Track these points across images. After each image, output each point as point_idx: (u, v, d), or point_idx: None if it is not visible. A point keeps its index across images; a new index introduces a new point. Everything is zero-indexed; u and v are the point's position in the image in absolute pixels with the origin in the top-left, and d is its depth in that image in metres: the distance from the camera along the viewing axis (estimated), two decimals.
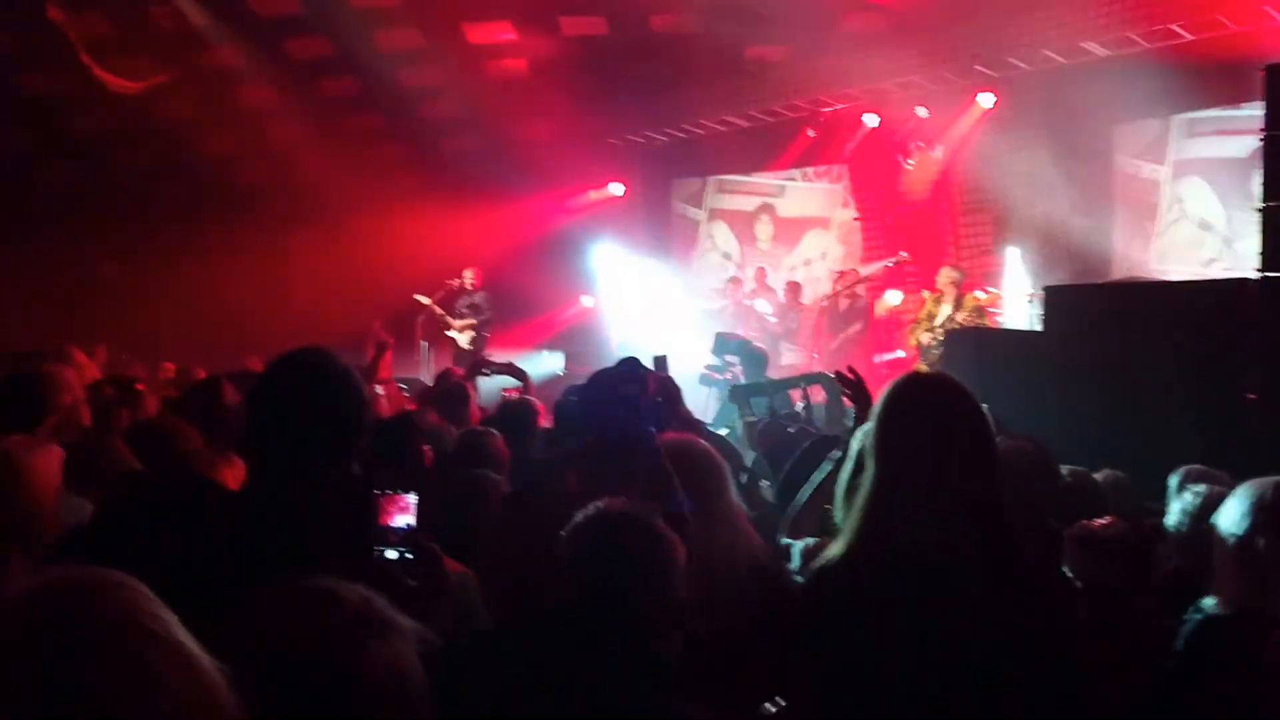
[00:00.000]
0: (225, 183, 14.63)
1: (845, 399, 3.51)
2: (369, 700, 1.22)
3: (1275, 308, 5.27)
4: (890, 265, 10.57)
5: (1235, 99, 9.44)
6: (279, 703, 1.18)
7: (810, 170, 13.76)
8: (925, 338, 9.24)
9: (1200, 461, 3.59)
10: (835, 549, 2.13)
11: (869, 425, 2.19)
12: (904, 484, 2.06)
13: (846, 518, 2.18)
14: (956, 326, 8.95)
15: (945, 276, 9.58)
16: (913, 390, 2.18)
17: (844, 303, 10.55)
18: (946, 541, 1.99)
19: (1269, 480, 2.33)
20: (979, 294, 9.47)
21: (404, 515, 1.82)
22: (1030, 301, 9.20)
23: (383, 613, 1.29)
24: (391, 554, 1.80)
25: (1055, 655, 2.03)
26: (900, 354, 10.62)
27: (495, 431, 4.54)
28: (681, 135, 14.02)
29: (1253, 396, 5.33)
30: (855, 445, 2.74)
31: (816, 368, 9.55)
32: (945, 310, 9.35)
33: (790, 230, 14.16)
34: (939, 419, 2.09)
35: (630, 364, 4.15)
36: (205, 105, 13.47)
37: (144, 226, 14.36)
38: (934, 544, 1.99)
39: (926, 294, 9.83)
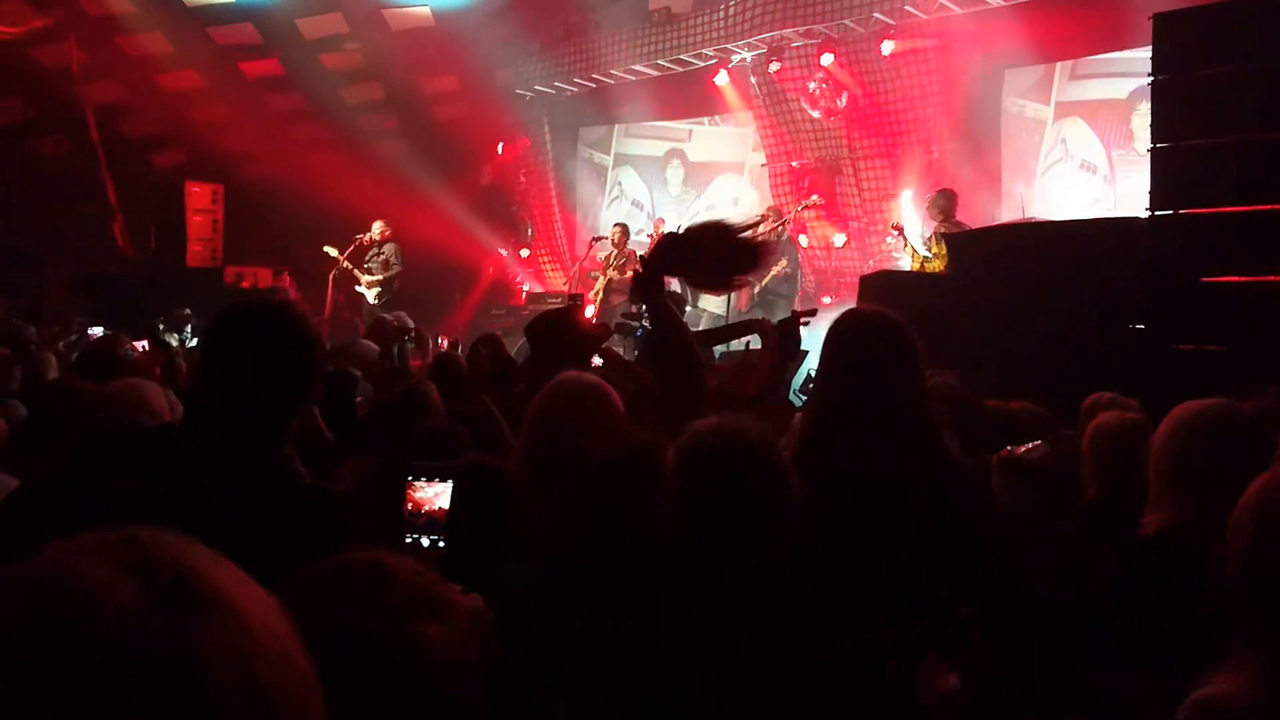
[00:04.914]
0: (114, 132, 14.07)
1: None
2: (421, 683, 1.14)
3: (1161, 245, 5.64)
4: (801, 210, 10.81)
5: (1119, 44, 9.90)
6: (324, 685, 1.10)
7: (719, 115, 13.88)
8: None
9: (1094, 389, 3.85)
10: None
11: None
12: (840, 411, 2.24)
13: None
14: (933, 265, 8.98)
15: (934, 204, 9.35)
16: (852, 324, 2.37)
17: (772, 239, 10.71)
18: (879, 462, 2.17)
19: (1198, 403, 2.41)
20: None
21: (438, 502, 1.82)
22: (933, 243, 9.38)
23: (436, 589, 1.21)
24: (424, 541, 1.80)
25: (983, 569, 2.24)
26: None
27: (431, 383, 4.67)
28: (591, 85, 13.98)
29: (1140, 327, 5.75)
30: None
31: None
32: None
33: (701, 175, 14.24)
34: (874, 350, 2.28)
35: (561, 314, 4.30)
36: (91, 51, 12.88)
37: (27, 177, 13.74)
38: (868, 464, 2.17)
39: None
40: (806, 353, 6.04)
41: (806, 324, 3.35)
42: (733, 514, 1.81)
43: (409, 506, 1.80)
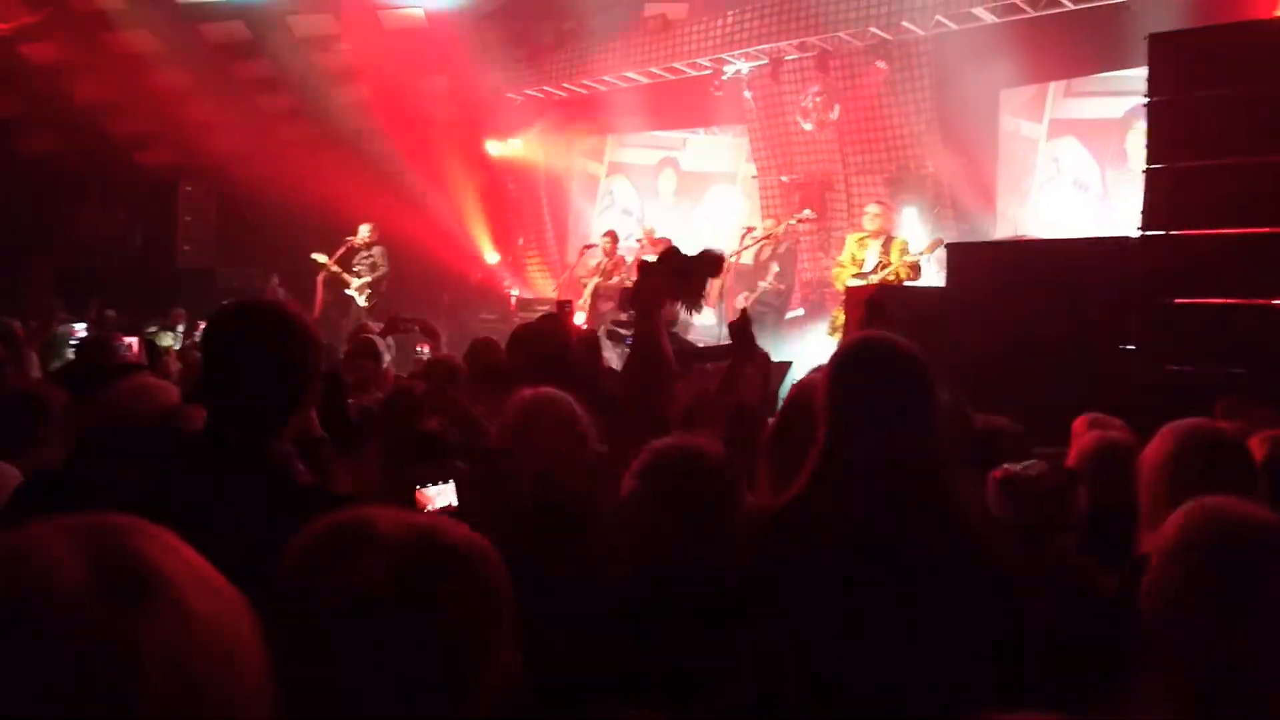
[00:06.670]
0: (102, 131, 13.96)
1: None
2: (451, 632, 1.08)
3: (1153, 264, 5.62)
4: (794, 223, 10.77)
5: (1114, 64, 9.89)
6: (338, 653, 1.05)
7: (715, 126, 13.80)
8: (854, 283, 8.66)
9: (1083, 409, 3.80)
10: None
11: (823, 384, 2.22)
12: (851, 442, 2.11)
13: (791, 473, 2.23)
14: (891, 275, 8.66)
15: (870, 213, 9.13)
16: (862, 352, 2.23)
17: (764, 253, 10.66)
18: (889, 499, 2.07)
19: (1188, 422, 2.43)
20: (910, 248, 8.87)
21: (445, 500, 1.86)
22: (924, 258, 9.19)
23: (450, 535, 1.16)
24: None
25: (991, 592, 2.16)
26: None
27: (422, 385, 4.61)
28: (583, 91, 13.95)
29: (1130, 347, 5.73)
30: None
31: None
32: (873, 254, 8.91)
33: (695, 185, 14.17)
34: (887, 381, 2.15)
35: (549, 321, 4.24)
36: (79, 49, 12.78)
37: (12, 177, 13.62)
38: (878, 501, 2.07)
39: (850, 236, 9.38)
40: (790, 364, 6.01)
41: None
42: (688, 526, 1.98)
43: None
